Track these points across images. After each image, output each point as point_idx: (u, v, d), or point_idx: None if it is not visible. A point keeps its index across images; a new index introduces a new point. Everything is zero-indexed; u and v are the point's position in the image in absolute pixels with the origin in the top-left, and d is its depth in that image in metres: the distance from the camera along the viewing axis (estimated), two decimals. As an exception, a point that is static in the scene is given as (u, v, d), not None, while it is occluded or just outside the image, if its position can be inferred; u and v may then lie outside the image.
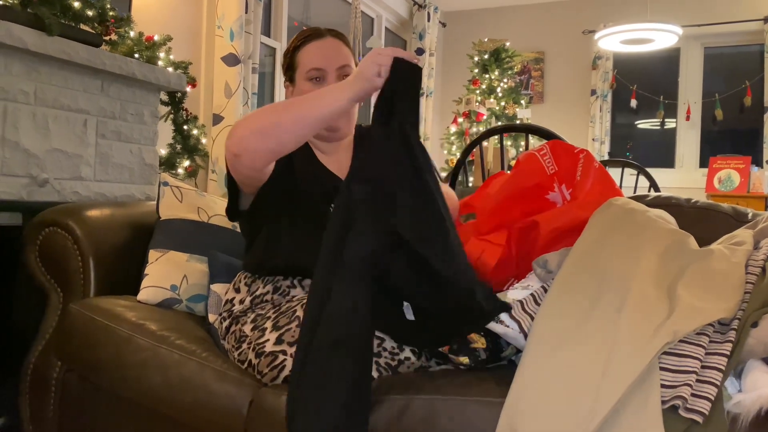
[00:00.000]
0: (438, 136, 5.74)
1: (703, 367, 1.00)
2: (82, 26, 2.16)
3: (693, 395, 0.96)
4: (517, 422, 1.00)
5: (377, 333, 1.28)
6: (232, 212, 1.54)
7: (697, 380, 0.98)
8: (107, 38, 2.27)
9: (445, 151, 5.17)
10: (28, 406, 1.67)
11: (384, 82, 1.16)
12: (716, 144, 5.58)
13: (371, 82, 1.17)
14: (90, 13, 2.15)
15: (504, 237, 1.45)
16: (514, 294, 1.22)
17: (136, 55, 2.35)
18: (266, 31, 4.13)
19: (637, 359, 0.98)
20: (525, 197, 1.52)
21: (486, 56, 5.20)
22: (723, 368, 0.98)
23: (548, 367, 1.04)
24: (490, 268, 1.42)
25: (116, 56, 2.23)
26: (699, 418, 0.93)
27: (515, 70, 5.42)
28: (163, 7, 3.20)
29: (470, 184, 4.28)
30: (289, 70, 1.55)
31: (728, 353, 1.01)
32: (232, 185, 1.47)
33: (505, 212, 1.51)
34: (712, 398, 0.95)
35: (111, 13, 2.24)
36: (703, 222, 1.56)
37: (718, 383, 0.97)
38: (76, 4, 2.08)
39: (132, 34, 2.38)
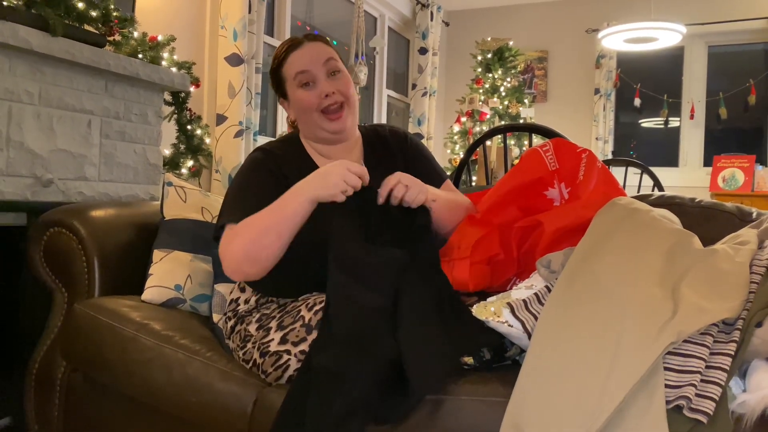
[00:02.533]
0: (441, 136, 5.74)
1: (707, 367, 0.99)
2: (86, 27, 2.16)
3: (697, 395, 0.96)
4: (522, 422, 1.00)
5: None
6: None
7: (702, 380, 0.98)
8: (111, 39, 2.28)
9: (449, 151, 5.17)
10: (33, 406, 1.67)
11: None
12: (720, 143, 5.56)
13: (334, 194, 1.26)
14: (94, 13, 2.15)
15: (469, 247, 1.43)
16: (517, 294, 1.22)
17: (140, 56, 2.36)
18: (269, 31, 4.13)
19: (641, 359, 0.98)
20: (525, 191, 1.52)
21: (489, 55, 5.19)
22: (727, 368, 0.98)
23: (552, 366, 1.04)
24: (466, 282, 1.41)
25: (120, 56, 2.23)
26: (703, 419, 0.93)
27: (518, 69, 5.41)
28: (167, 8, 3.21)
29: (473, 184, 4.28)
30: (280, 87, 1.54)
31: (733, 353, 1.01)
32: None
33: (503, 206, 1.51)
34: (717, 398, 0.95)
35: (115, 14, 2.24)
36: (707, 221, 1.56)
37: (723, 383, 0.97)
38: (80, 5, 2.09)
39: (136, 34, 2.39)
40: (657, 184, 3.09)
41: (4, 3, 1.88)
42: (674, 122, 5.70)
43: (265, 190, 1.41)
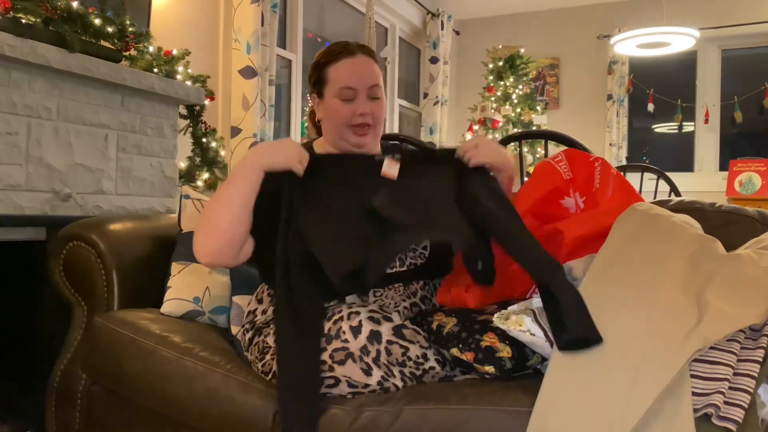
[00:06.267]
0: (454, 145, 5.73)
1: (735, 374, 0.98)
2: (103, 42, 2.19)
3: (726, 403, 0.94)
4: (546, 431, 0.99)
5: (401, 342, 1.27)
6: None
7: (730, 388, 0.96)
8: (127, 54, 2.30)
9: (462, 159, 5.16)
10: (54, 419, 1.68)
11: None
12: (736, 147, 5.51)
13: (290, 163, 1.35)
14: (110, 29, 2.17)
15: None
16: (539, 302, 1.21)
17: (155, 70, 2.38)
18: (282, 44, 4.15)
19: (667, 367, 0.97)
20: (541, 203, 1.51)
21: (500, 63, 5.19)
22: (756, 375, 0.97)
23: (576, 375, 1.02)
24: (465, 300, 1.38)
25: (136, 71, 2.25)
26: (732, 426, 0.92)
27: (530, 76, 5.40)
28: (181, 22, 3.23)
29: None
30: (318, 84, 1.54)
31: (760, 360, 0.99)
32: None
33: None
34: (746, 406, 0.93)
35: (130, 29, 2.27)
36: (728, 226, 1.54)
37: (751, 390, 0.95)
38: (97, 21, 2.11)
39: (151, 48, 2.41)
40: (674, 190, 3.05)
41: (23, 21, 1.91)
42: (688, 127, 5.66)
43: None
